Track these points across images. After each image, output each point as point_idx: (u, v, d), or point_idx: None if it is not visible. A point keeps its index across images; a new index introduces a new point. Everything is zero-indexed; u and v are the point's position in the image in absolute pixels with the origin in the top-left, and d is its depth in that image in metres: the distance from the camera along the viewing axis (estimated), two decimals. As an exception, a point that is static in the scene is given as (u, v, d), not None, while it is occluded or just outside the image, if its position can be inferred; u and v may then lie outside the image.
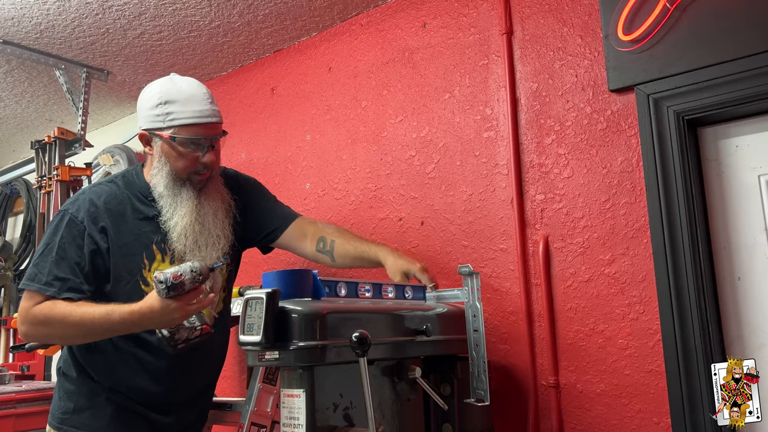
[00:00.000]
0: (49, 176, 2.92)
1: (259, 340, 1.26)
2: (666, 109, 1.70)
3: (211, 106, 1.68)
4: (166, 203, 1.67)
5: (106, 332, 1.54)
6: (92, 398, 1.68)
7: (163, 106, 1.63)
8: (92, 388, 1.68)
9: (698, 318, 1.59)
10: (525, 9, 2.02)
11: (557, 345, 1.83)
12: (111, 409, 1.67)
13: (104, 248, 1.62)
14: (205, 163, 1.67)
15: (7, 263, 3.81)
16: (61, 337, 1.61)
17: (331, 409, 1.35)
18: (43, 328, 1.56)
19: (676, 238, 1.64)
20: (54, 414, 1.71)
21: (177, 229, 1.65)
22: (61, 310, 1.53)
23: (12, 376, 3.24)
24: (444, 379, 1.65)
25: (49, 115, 3.48)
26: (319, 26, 2.57)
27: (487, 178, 2.03)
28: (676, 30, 1.69)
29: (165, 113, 1.63)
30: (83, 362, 1.69)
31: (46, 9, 2.39)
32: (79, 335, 1.56)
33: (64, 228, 1.61)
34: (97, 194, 1.68)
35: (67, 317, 1.52)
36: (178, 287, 1.42)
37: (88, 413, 1.67)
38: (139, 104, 1.71)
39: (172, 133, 1.63)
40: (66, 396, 1.70)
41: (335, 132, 2.49)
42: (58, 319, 1.53)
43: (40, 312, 1.54)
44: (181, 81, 1.68)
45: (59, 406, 1.70)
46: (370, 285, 1.57)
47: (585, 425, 1.75)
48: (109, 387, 1.67)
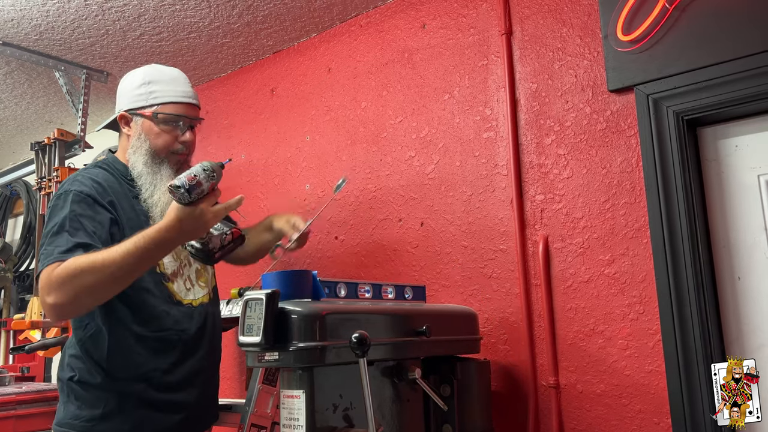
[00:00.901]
0: (48, 177, 2.92)
1: (258, 341, 1.26)
2: (665, 109, 1.70)
3: (191, 90, 1.78)
4: (146, 181, 1.67)
5: (139, 263, 1.45)
6: (122, 403, 1.61)
7: (147, 85, 1.70)
8: (120, 394, 1.61)
9: (698, 318, 1.59)
10: (524, 9, 2.02)
11: (557, 345, 1.82)
12: (141, 411, 1.62)
13: (116, 219, 1.62)
14: (185, 142, 1.71)
15: (7, 264, 3.81)
16: (93, 288, 1.43)
17: (331, 410, 1.35)
18: (71, 284, 1.42)
19: (675, 239, 1.64)
20: (70, 423, 1.61)
21: (159, 206, 1.65)
22: (85, 259, 1.43)
23: (12, 378, 3.24)
24: (444, 380, 1.65)
25: (49, 117, 3.48)
26: (318, 27, 2.57)
27: (487, 178, 2.03)
28: (675, 30, 1.69)
29: (148, 92, 1.69)
30: (107, 363, 1.62)
31: (45, 10, 2.40)
32: (110, 280, 1.43)
33: (71, 204, 1.56)
34: (95, 174, 1.66)
35: (94, 262, 1.42)
36: (196, 187, 1.39)
37: (119, 418, 1.60)
38: (121, 88, 1.76)
39: (155, 110, 1.68)
40: (87, 404, 1.61)
41: (335, 133, 2.49)
42: (84, 268, 1.41)
43: (65, 268, 1.43)
44: (163, 66, 1.77)
45: (76, 415, 1.61)
46: (369, 286, 1.57)
47: (585, 426, 1.75)
48: (142, 385, 1.62)
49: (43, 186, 2.94)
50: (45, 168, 2.97)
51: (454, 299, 2.04)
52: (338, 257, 2.39)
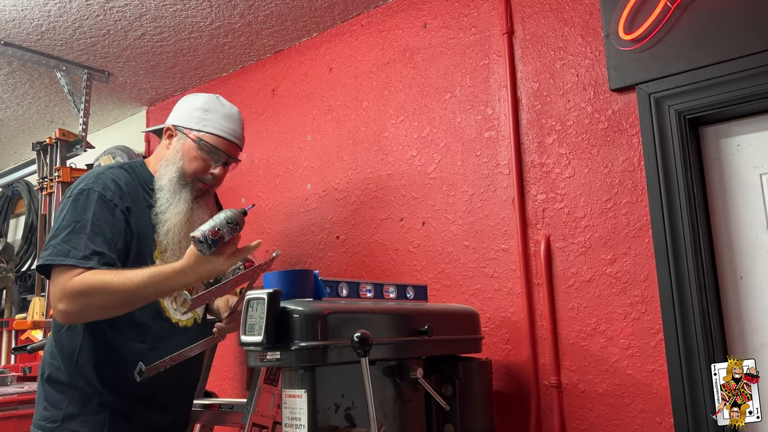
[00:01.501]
0: (50, 178, 2.92)
1: (260, 341, 1.26)
2: (667, 109, 1.70)
3: (241, 131, 1.82)
4: (163, 197, 1.70)
5: (151, 295, 1.53)
6: (84, 404, 1.63)
7: (204, 111, 1.76)
8: (84, 394, 1.63)
9: (700, 317, 1.59)
10: (526, 9, 2.02)
11: (559, 345, 1.82)
12: (105, 414, 1.63)
13: (130, 225, 1.64)
14: (214, 175, 1.76)
15: (9, 265, 3.81)
16: (103, 306, 1.51)
17: (333, 410, 1.35)
18: (84, 299, 1.48)
19: (677, 238, 1.64)
20: (38, 424, 1.64)
21: (167, 225, 1.68)
22: (101, 278, 1.49)
23: (14, 378, 3.24)
24: (446, 380, 1.65)
25: (51, 117, 3.48)
26: (319, 27, 2.57)
27: (489, 178, 2.03)
28: (677, 29, 1.69)
29: (202, 117, 1.75)
30: (77, 358, 1.64)
31: (47, 11, 2.40)
32: (120, 304, 1.51)
33: (95, 205, 1.59)
34: (117, 176, 1.69)
35: (109, 283, 1.48)
36: (218, 242, 1.44)
37: (79, 420, 1.61)
38: (179, 105, 1.81)
39: (200, 136, 1.73)
40: (52, 404, 1.64)
41: (336, 132, 2.49)
42: (100, 287, 1.47)
43: (81, 282, 1.48)
44: (225, 101, 1.83)
45: (44, 416, 1.64)
46: (371, 285, 1.57)
47: (587, 425, 1.75)
48: (104, 390, 1.63)
49: (44, 186, 2.95)
50: (47, 168, 2.97)
51: (456, 299, 2.04)
52: (339, 257, 2.39)
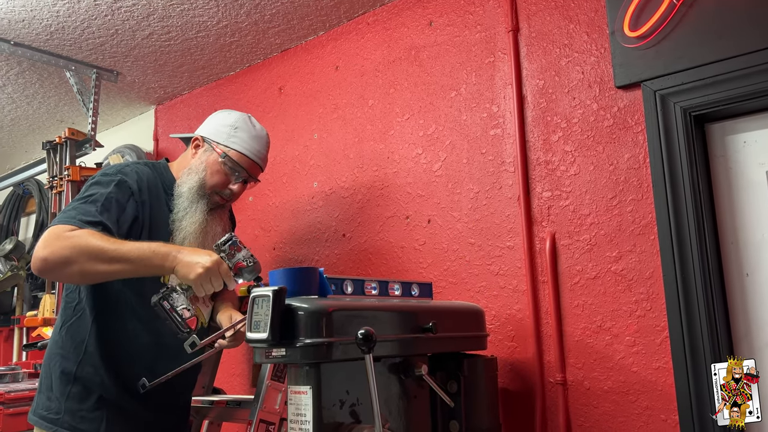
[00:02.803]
0: (60, 176, 2.95)
1: (265, 338, 1.27)
2: (673, 106, 1.69)
3: (266, 153, 1.91)
4: (181, 204, 1.76)
5: (140, 263, 1.51)
6: (83, 400, 1.65)
7: (234, 129, 1.83)
8: (85, 388, 1.66)
9: (706, 315, 1.59)
10: (531, 6, 2.02)
11: (564, 342, 1.82)
12: (103, 411, 1.66)
13: (141, 221, 1.68)
14: (232, 191, 1.82)
15: (20, 262, 3.85)
16: (84, 255, 1.49)
17: (338, 406, 1.36)
18: (67, 244, 1.48)
19: (683, 235, 1.64)
20: (40, 413, 1.66)
21: (182, 233, 1.73)
22: (90, 231, 1.51)
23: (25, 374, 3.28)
24: (450, 377, 1.66)
25: (61, 116, 3.51)
26: (326, 25, 2.58)
27: (494, 175, 2.03)
28: (682, 26, 1.68)
29: (231, 134, 1.82)
30: (85, 347, 1.66)
31: (56, 11, 2.42)
32: (102, 259, 1.49)
33: (114, 186, 1.64)
34: (142, 172, 1.75)
35: (93, 234, 1.50)
36: (233, 261, 1.54)
37: (78, 416, 1.64)
38: (211, 118, 1.89)
39: (225, 151, 1.80)
40: (55, 395, 1.66)
41: (342, 131, 2.50)
42: (85, 235, 1.49)
43: (74, 236, 1.49)
44: (257, 123, 1.91)
45: (46, 406, 1.66)
46: (376, 283, 1.58)
47: (592, 422, 1.75)
48: (109, 380, 1.66)
49: (54, 185, 2.98)
50: (56, 167, 3.00)
51: (462, 296, 2.05)
52: (346, 254, 2.41)
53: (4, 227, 4.31)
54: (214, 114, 1.89)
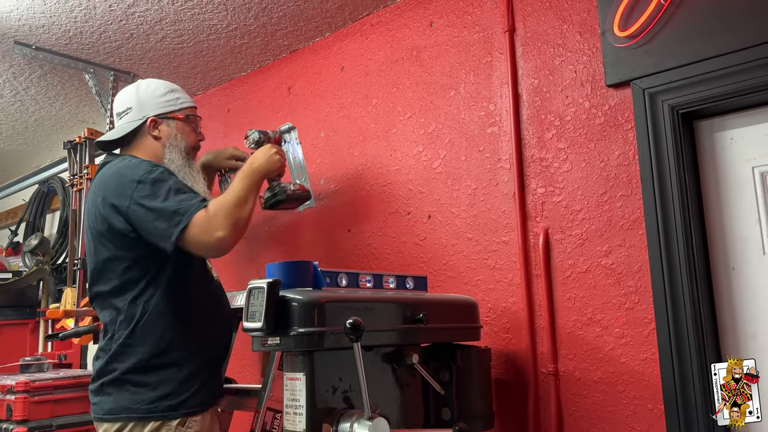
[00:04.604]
0: (80, 175, 3.08)
1: (260, 327, 1.36)
2: (661, 103, 1.74)
3: None
4: (184, 175, 1.86)
5: (254, 186, 1.85)
6: (197, 374, 1.75)
7: (172, 93, 1.96)
8: (178, 368, 1.73)
9: (691, 307, 1.63)
10: (527, 6, 2.07)
11: (556, 334, 1.88)
12: (216, 379, 1.85)
13: None
14: (202, 137, 2.03)
15: (45, 258, 4.01)
16: (234, 213, 1.70)
17: (331, 392, 1.44)
18: (221, 217, 1.67)
19: (670, 230, 1.68)
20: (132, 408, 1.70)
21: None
22: (217, 200, 1.73)
23: (50, 365, 3.42)
24: (443, 366, 1.73)
25: (82, 116, 3.65)
26: (331, 27, 2.66)
27: (491, 172, 2.09)
28: (670, 25, 1.72)
29: (175, 98, 1.96)
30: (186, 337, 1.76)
31: (73, 17, 2.53)
32: (242, 203, 1.74)
33: (170, 176, 1.77)
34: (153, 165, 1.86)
35: (225, 197, 1.74)
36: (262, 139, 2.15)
37: (204, 392, 1.76)
38: (144, 96, 1.93)
39: (186, 113, 1.96)
40: (175, 381, 1.72)
41: (348, 129, 2.57)
42: (223, 201, 1.72)
43: (205, 211, 1.67)
44: (164, 80, 2.04)
45: (154, 397, 1.69)
46: (370, 276, 1.65)
47: (583, 411, 1.81)
48: (204, 348, 1.79)
49: (74, 183, 3.10)
50: (77, 166, 3.12)
51: (460, 290, 2.11)
52: (350, 249, 2.48)
53: (30, 224, 4.48)
54: (138, 94, 1.94)
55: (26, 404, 2.76)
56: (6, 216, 5.07)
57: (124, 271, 1.74)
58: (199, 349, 1.78)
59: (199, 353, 1.78)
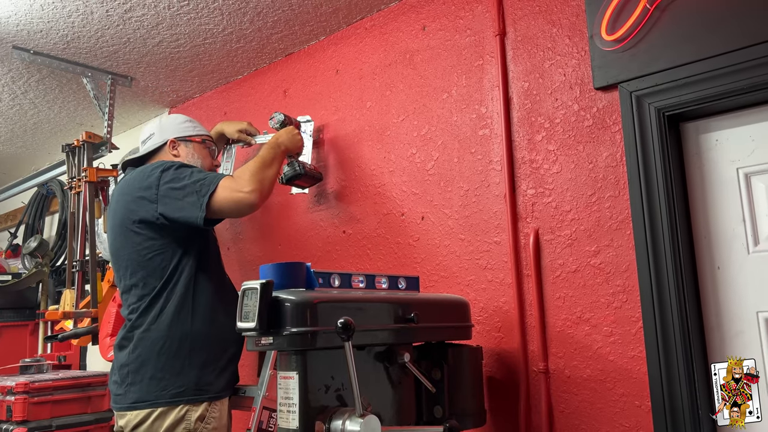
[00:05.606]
0: (78, 177, 3.10)
1: (253, 327, 1.39)
2: (647, 106, 1.77)
3: None
4: None
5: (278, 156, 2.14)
6: (219, 360, 1.93)
7: (190, 122, 2.25)
8: (220, 352, 1.92)
9: (677, 306, 1.66)
10: (517, 11, 2.10)
11: (547, 332, 1.91)
12: (235, 366, 2.01)
13: None
14: (218, 162, 2.30)
15: (44, 260, 4.04)
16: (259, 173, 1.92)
17: (323, 390, 1.47)
18: (245, 179, 1.86)
19: (656, 230, 1.72)
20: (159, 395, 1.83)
21: None
22: (245, 164, 1.96)
23: (50, 366, 3.45)
24: (435, 364, 1.76)
25: (80, 120, 3.68)
26: (326, 30, 2.69)
27: (482, 174, 2.12)
28: (656, 29, 1.75)
29: (193, 126, 2.24)
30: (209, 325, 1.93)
31: (71, 22, 2.56)
32: (267, 165, 1.99)
33: (188, 166, 1.97)
34: None
35: (248, 163, 1.95)
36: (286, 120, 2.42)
37: (224, 378, 1.94)
38: (165, 123, 2.21)
39: (203, 138, 2.22)
40: (199, 367, 1.87)
41: (342, 132, 2.60)
42: (248, 165, 1.93)
43: (239, 174, 1.89)
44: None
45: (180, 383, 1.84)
46: (363, 276, 1.68)
47: (572, 409, 1.84)
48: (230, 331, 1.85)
49: (73, 185, 3.13)
50: (75, 168, 3.15)
51: (452, 290, 2.14)
52: (345, 250, 2.52)
53: (29, 226, 4.51)
54: (161, 123, 2.21)
55: (26, 405, 2.79)
56: (5, 218, 5.11)
57: (148, 262, 1.91)
58: (220, 337, 1.93)
59: (221, 340, 1.93)
